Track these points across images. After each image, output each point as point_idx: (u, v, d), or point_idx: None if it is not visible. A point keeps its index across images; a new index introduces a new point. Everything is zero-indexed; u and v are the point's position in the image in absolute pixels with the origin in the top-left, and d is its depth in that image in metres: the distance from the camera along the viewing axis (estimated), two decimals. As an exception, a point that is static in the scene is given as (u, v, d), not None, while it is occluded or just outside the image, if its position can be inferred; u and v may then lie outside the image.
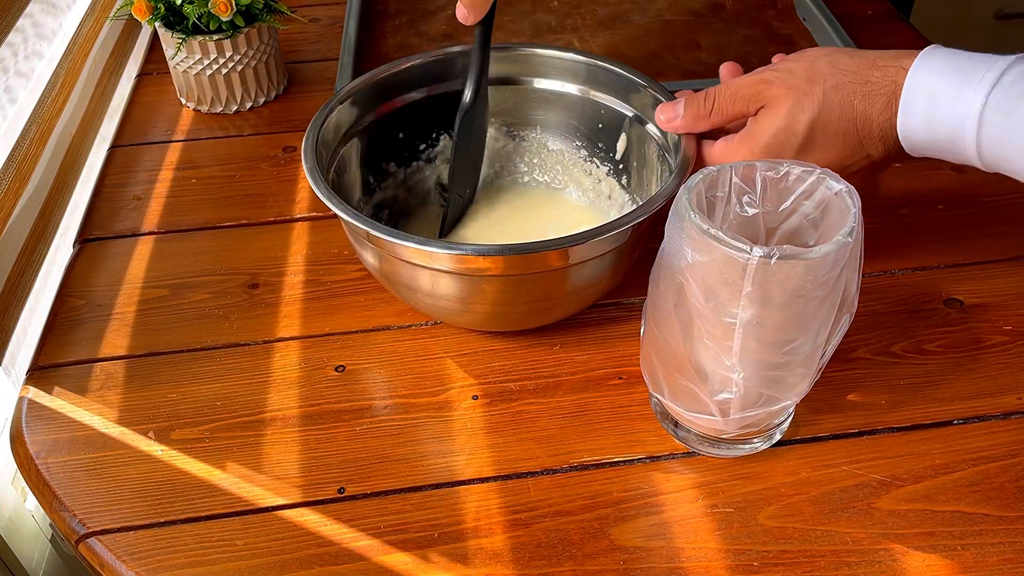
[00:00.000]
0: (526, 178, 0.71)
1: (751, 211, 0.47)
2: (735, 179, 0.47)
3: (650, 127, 0.63)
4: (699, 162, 0.57)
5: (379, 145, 0.66)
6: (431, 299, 0.56)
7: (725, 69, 0.61)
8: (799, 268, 0.42)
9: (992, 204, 0.70)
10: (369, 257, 0.57)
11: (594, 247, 0.52)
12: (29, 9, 0.74)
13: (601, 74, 0.66)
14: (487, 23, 0.60)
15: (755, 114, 0.54)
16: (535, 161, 0.71)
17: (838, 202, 0.45)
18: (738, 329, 0.44)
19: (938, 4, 1.57)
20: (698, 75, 0.83)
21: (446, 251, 0.51)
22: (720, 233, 0.42)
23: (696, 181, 0.46)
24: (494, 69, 0.67)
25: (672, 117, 0.58)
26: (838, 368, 0.57)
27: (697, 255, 0.44)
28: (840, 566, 0.47)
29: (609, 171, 0.68)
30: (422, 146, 0.69)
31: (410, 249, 0.51)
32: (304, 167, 0.56)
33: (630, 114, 0.65)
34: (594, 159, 0.68)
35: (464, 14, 0.58)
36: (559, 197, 0.70)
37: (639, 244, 0.57)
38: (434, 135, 0.69)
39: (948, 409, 0.55)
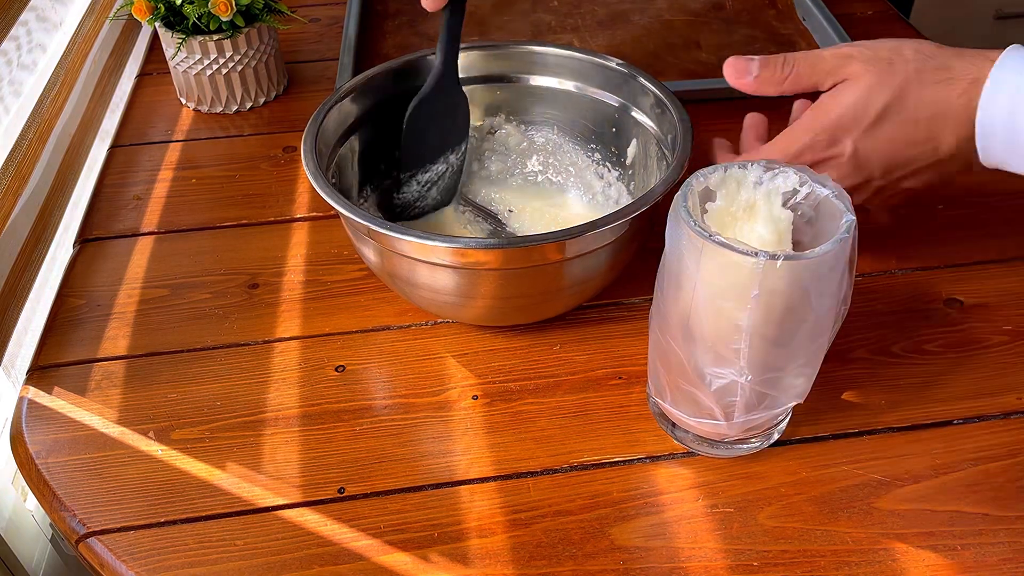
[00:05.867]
0: (539, 177, 0.71)
1: None
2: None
3: (657, 133, 0.63)
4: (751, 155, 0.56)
5: (379, 143, 0.66)
6: (431, 294, 0.56)
7: (751, 119, 0.60)
8: (805, 268, 0.42)
9: (992, 204, 0.70)
10: (369, 253, 0.57)
11: (591, 240, 0.52)
12: (29, 9, 0.74)
13: (619, 78, 0.65)
14: (456, 9, 0.59)
15: (829, 89, 0.53)
16: (550, 161, 0.71)
17: (829, 202, 0.45)
18: (745, 332, 0.44)
19: (938, 4, 1.57)
20: (698, 75, 0.83)
21: (445, 245, 0.51)
22: (724, 239, 0.42)
23: (691, 186, 0.46)
24: (513, 66, 0.67)
25: (744, 73, 0.56)
26: (838, 368, 0.57)
27: (701, 261, 0.43)
28: (840, 566, 0.47)
29: (619, 176, 0.68)
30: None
31: (410, 243, 0.51)
32: (304, 165, 0.56)
33: (641, 120, 0.65)
34: (607, 163, 0.68)
35: (427, 2, 0.57)
36: (568, 199, 0.70)
37: (637, 239, 0.57)
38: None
39: (948, 409, 0.55)
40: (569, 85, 0.68)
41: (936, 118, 0.51)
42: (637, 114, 0.65)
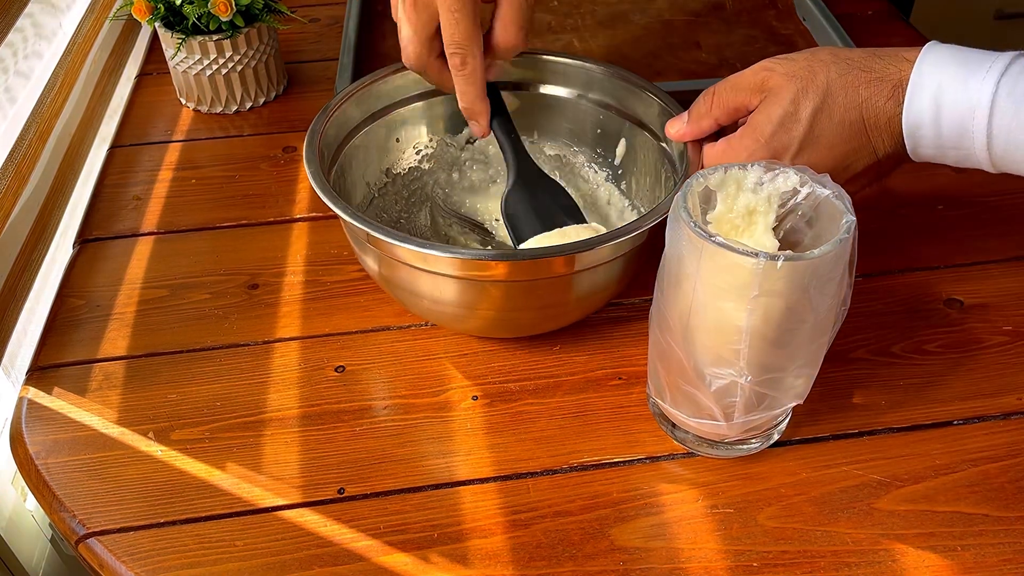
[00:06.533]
0: None
1: None
2: None
3: (650, 133, 0.63)
4: (700, 166, 0.57)
5: (378, 148, 0.66)
6: (433, 304, 0.55)
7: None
8: (805, 269, 0.42)
9: (992, 204, 0.70)
10: (370, 260, 0.57)
11: (603, 252, 0.52)
12: (29, 9, 0.74)
13: (601, 79, 0.65)
14: (501, 118, 0.60)
15: (757, 106, 0.54)
16: None
17: (829, 202, 0.45)
18: (744, 333, 0.44)
19: (938, 4, 1.57)
20: (698, 75, 0.83)
21: (447, 255, 0.50)
22: (724, 240, 0.42)
23: (691, 187, 0.46)
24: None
25: (676, 123, 0.58)
26: (838, 368, 0.57)
27: (701, 262, 0.43)
28: (840, 567, 0.47)
29: (608, 176, 0.67)
30: (419, 149, 0.69)
31: (411, 252, 0.51)
32: (306, 168, 0.56)
33: (630, 120, 0.65)
34: (592, 164, 0.68)
35: (476, 128, 0.59)
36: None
37: (647, 248, 0.56)
38: (430, 139, 0.68)
39: (948, 409, 0.55)
40: (569, 93, 0.67)
41: (868, 121, 0.51)
42: (639, 122, 0.64)
